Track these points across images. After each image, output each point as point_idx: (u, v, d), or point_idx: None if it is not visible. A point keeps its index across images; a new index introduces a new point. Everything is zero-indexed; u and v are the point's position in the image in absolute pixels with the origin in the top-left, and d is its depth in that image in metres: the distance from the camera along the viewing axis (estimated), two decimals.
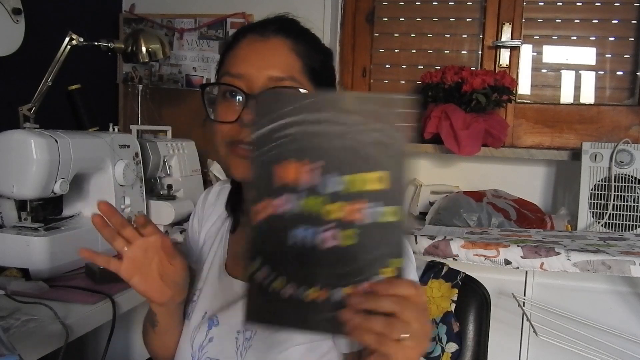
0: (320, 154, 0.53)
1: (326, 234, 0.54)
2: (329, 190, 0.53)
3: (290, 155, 0.53)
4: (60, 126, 1.30)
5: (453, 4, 2.13)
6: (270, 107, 0.53)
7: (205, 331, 0.80)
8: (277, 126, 0.53)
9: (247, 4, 2.03)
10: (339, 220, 0.54)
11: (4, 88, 1.59)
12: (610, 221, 1.80)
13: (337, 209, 0.54)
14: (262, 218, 0.54)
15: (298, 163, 0.53)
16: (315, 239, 0.54)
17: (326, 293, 0.55)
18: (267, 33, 0.77)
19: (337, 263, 0.54)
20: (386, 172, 0.53)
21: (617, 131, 2.02)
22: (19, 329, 0.91)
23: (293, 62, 0.76)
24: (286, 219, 0.54)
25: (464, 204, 1.80)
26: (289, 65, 0.75)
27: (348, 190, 0.53)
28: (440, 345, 0.99)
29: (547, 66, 2.10)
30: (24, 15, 1.44)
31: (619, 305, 1.42)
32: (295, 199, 0.54)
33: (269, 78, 0.74)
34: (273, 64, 0.75)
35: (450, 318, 1.00)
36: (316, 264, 0.54)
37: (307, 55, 0.77)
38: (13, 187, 1.18)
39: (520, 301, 1.41)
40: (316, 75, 0.78)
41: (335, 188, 0.53)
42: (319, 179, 0.53)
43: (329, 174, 0.53)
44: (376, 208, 0.54)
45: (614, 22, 2.02)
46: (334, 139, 0.53)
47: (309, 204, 0.54)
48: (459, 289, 1.02)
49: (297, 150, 0.53)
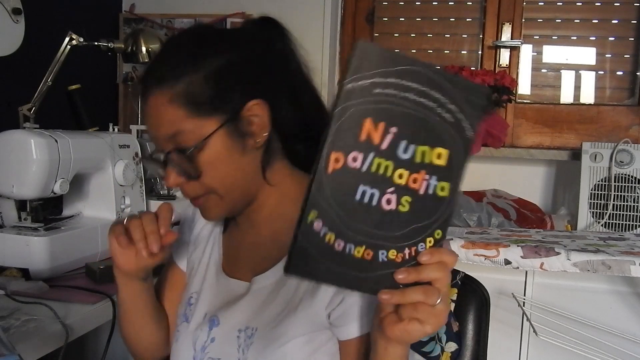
0: (399, 120, 0.55)
1: (388, 197, 0.57)
2: (400, 156, 0.56)
3: (378, 115, 0.55)
4: (60, 126, 1.30)
5: (453, 4, 2.13)
6: (371, 61, 0.54)
7: (207, 332, 0.81)
8: (375, 83, 0.54)
9: (247, 4, 2.03)
10: (400, 185, 0.57)
11: (4, 88, 1.59)
12: (610, 221, 1.80)
13: (401, 175, 0.57)
14: (337, 168, 0.54)
15: (378, 123, 0.55)
16: (380, 199, 0.56)
17: (371, 253, 0.57)
18: (146, 93, 0.74)
19: (390, 226, 0.57)
20: (448, 150, 0.58)
21: (617, 131, 2.02)
22: (19, 329, 0.91)
23: (173, 115, 0.72)
24: (358, 175, 0.55)
25: (464, 204, 1.80)
26: (170, 122, 0.72)
27: (414, 160, 0.57)
28: (439, 345, 0.99)
29: (547, 66, 2.10)
30: (24, 15, 1.44)
31: (619, 305, 1.42)
32: (370, 157, 0.55)
33: (162, 139, 0.74)
34: (159, 126, 0.73)
35: (450, 318, 0.99)
36: (371, 224, 0.57)
37: (188, 93, 0.71)
38: (13, 187, 1.18)
39: (520, 301, 1.41)
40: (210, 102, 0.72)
41: (404, 155, 0.56)
42: (393, 143, 0.56)
43: (402, 140, 0.56)
44: (432, 181, 0.58)
45: (614, 22, 2.02)
46: (414, 109, 0.56)
47: (381, 165, 0.56)
48: (458, 289, 1.02)
49: (382, 110, 0.55)
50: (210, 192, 0.75)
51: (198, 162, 0.73)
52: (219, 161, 0.73)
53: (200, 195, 0.76)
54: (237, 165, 0.75)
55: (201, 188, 0.75)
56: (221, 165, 0.74)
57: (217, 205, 0.77)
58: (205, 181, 0.74)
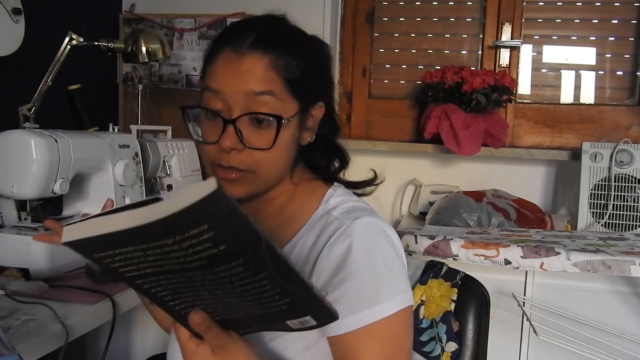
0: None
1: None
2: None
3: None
4: (60, 126, 1.30)
5: (453, 4, 2.13)
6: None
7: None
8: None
9: (247, 4, 2.03)
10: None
11: (4, 88, 1.59)
12: (610, 221, 1.80)
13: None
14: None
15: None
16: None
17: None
18: (242, 50, 0.74)
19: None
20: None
21: (617, 131, 2.02)
22: (19, 329, 0.91)
23: (271, 79, 0.74)
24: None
25: (464, 204, 1.80)
26: (267, 82, 0.74)
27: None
28: (440, 345, 0.99)
29: (547, 66, 2.10)
30: (24, 15, 1.44)
31: (619, 305, 1.42)
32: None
33: (246, 94, 0.73)
34: (250, 82, 0.73)
35: (450, 317, 1.00)
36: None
37: (287, 69, 0.75)
38: (13, 187, 1.18)
39: (520, 301, 1.41)
40: (299, 86, 0.76)
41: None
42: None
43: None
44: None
45: (614, 22, 2.02)
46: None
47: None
48: (458, 289, 1.02)
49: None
50: (255, 169, 0.76)
51: (272, 135, 0.74)
52: (284, 144, 0.76)
53: (242, 169, 0.75)
54: (289, 154, 0.79)
55: (250, 162, 0.75)
56: (283, 148, 0.76)
57: (250, 185, 0.77)
58: (260, 158, 0.75)
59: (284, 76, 0.74)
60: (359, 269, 0.73)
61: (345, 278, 0.73)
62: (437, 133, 1.94)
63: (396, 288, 0.74)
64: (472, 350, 1.00)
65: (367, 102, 2.22)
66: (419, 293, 1.03)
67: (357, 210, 0.79)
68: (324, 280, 0.75)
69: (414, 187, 2.11)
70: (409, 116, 2.17)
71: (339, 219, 0.78)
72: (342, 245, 0.75)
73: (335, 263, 0.74)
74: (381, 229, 0.77)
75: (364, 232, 0.76)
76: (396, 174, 2.11)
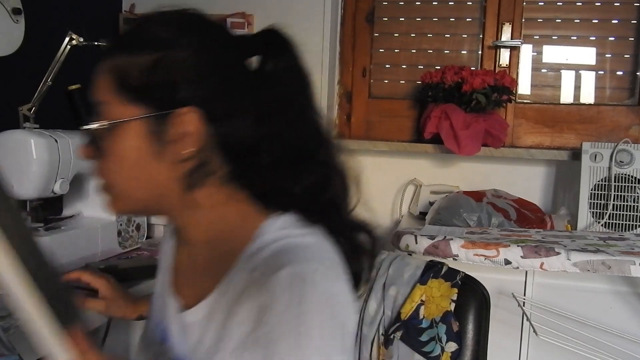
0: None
1: None
2: None
3: None
4: (60, 126, 1.30)
5: (453, 4, 2.13)
6: None
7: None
8: None
9: (247, 4, 2.03)
10: None
11: (4, 88, 1.59)
12: (610, 221, 1.80)
13: None
14: None
15: None
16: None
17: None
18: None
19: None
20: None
21: (617, 131, 2.02)
22: (19, 329, 0.91)
23: (105, 84, 0.68)
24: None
25: (464, 204, 1.80)
26: (99, 89, 0.68)
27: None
28: (440, 345, 0.99)
29: (547, 66, 2.10)
30: (24, 15, 1.44)
31: (619, 305, 1.42)
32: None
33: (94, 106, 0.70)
34: (92, 90, 0.70)
35: (450, 317, 0.99)
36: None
37: (124, 70, 0.66)
38: (13, 187, 1.18)
39: (520, 301, 1.41)
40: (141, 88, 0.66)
41: None
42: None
43: None
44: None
45: (614, 22, 2.02)
46: None
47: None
48: (458, 289, 1.02)
49: None
50: (106, 181, 0.70)
51: (104, 143, 0.68)
52: (125, 155, 0.67)
53: (101, 181, 0.71)
54: (146, 168, 0.67)
55: (103, 173, 0.70)
56: (127, 161, 0.67)
57: (116, 200, 0.71)
58: (106, 169, 0.70)
59: (120, 77, 0.66)
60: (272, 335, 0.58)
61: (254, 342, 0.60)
62: (437, 133, 1.94)
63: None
64: (472, 350, 1.00)
65: (367, 102, 2.22)
66: (419, 293, 1.03)
67: (287, 253, 0.63)
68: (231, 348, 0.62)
69: (414, 187, 2.11)
70: (409, 116, 2.17)
71: (260, 267, 0.63)
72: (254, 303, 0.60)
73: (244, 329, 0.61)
74: (312, 280, 0.60)
75: (287, 286, 0.59)
76: (396, 174, 2.12)
